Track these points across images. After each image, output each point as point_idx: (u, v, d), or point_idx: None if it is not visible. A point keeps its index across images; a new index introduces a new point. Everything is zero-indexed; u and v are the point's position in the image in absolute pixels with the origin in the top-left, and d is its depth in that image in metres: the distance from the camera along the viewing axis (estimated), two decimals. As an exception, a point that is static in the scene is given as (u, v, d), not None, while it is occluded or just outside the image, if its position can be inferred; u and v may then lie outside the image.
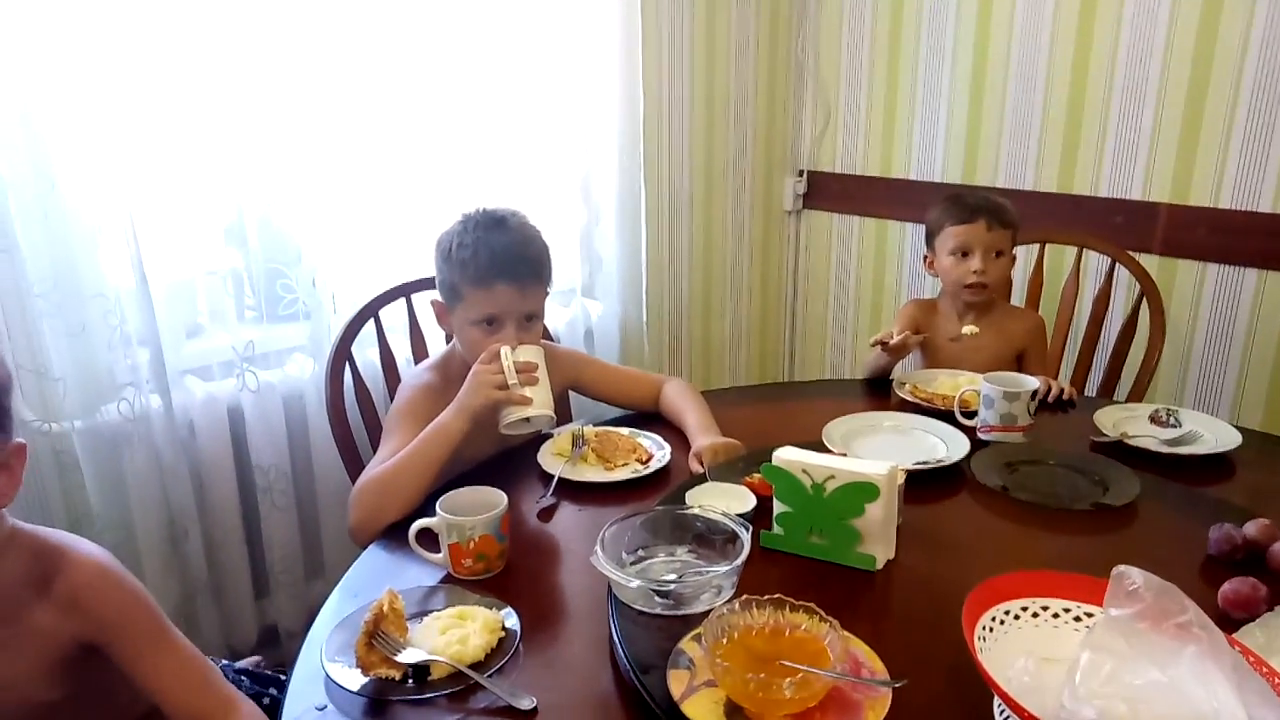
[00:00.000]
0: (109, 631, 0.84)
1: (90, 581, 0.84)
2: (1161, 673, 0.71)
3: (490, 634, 0.97)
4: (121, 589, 0.85)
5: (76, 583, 0.83)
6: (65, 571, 0.83)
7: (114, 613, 0.84)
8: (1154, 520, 1.23)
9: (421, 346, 1.85)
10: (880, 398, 1.74)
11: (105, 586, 0.84)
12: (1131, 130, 2.19)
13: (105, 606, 0.84)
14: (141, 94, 1.65)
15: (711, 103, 2.68)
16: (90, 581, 0.84)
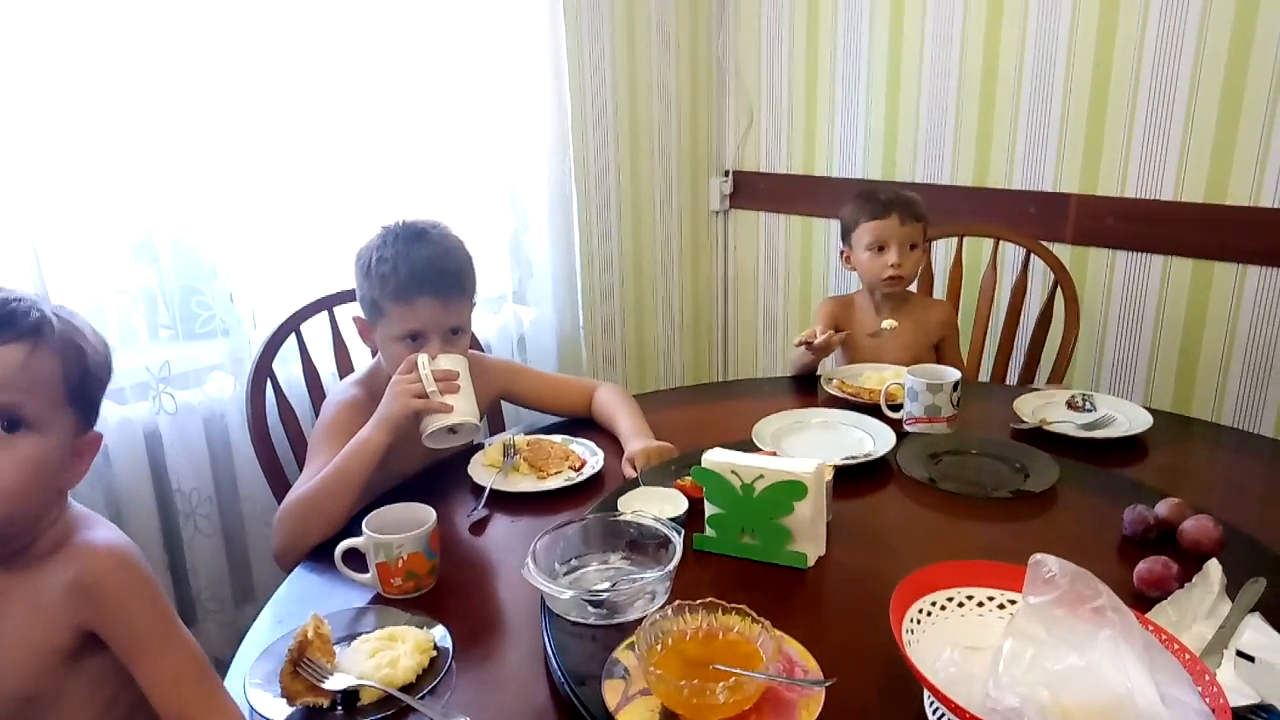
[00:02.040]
0: (116, 623, 0.83)
1: (108, 570, 0.82)
2: (1079, 657, 0.73)
3: (421, 654, 0.95)
4: (136, 581, 0.84)
5: (94, 569, 0.82)
6: (85, 557, 0.82)
7: (124, 604, 0.83)
8: (1073, 504, 1.27)
9: (346, 361, 1.81)
10: (809, 394, 1.76)
11: (121, 576, 0.83)
12: (1041, 124, 2.26)
13: (117, 596, 0.82)
14: (39, 110, 1.58)
15: (635, 106, 2.69)
16: (108, 570, 0.82)
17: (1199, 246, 2.09)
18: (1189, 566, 1.02)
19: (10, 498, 0.77)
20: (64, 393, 0.82)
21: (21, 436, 0.78)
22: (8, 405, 0.77)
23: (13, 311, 0.79)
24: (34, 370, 0.78)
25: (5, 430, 0.77)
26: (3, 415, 0.77)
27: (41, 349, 0.79)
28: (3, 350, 0.77)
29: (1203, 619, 0.93)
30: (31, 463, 0.79)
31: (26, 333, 0.78)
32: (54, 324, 0.81)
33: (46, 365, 0.80)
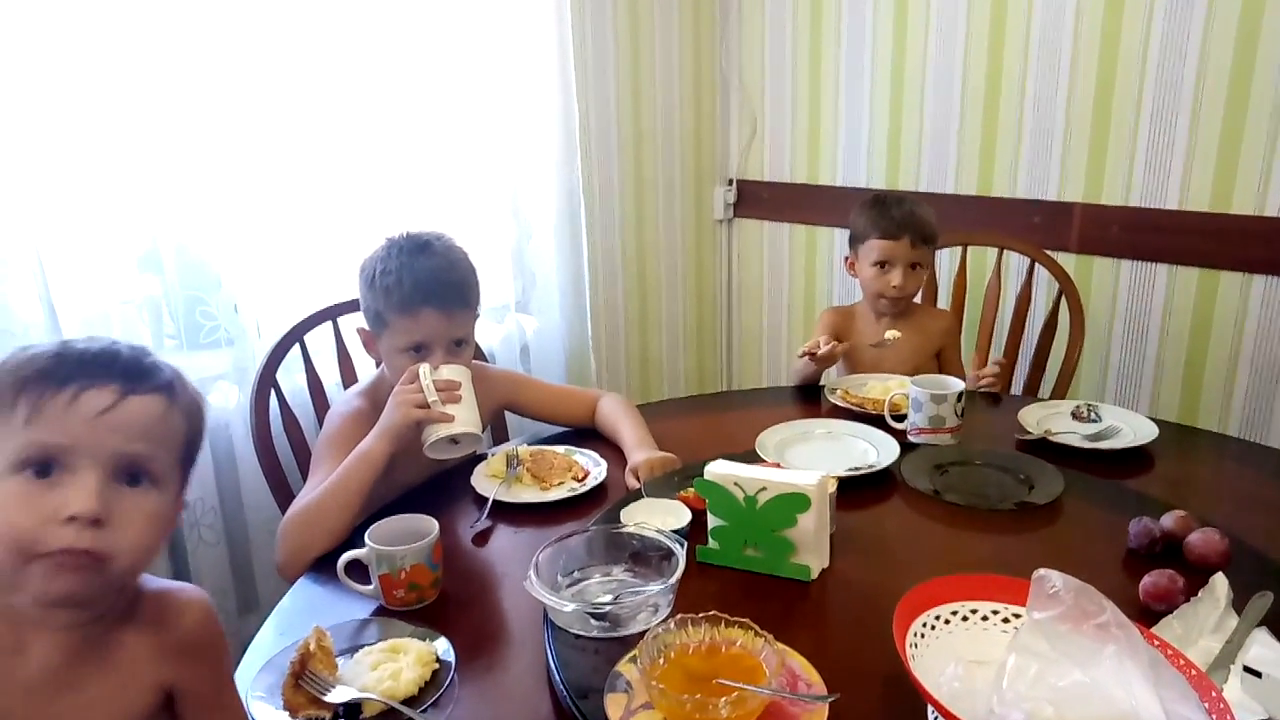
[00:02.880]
0: (199, 677, 0.81)
1: (202, 622, 0.81)
2: (1084, 673, 0.72)
3: (424, 666, 0.95)
4: (219, 632, 0.83)
5: (189, 624, 0.80)
6: (178, 613, 0.80)
7: (211, 657, 0.82)
8: (1077, 516, 1.26)
9: (350, 371, 1.82)
10: (813, 404, 1.76)
11: (212, 628, 0.82)
12: (1045, 133, 2.26)
13: (207, 649, 0.81)
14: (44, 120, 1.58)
15: (638, 116, 2.69)
16: (202, 622, 0.81)
17: (1204, 255, 2.09)
18: (1195, 580, 1.01)
19: (139, 551, 0.74)
20: (182, 454, 0.80)
21: (148, 490, 0.75)
22: (144, 457, 0.74)
23: (153, 365, 0.78)
24: (168, 426, 0.77)
25: (131, 484, 0.74)
26: (137, 466, 0.74)
27: (174, 406, 0.78)
28: (147, 400, 0.75)
29: (1209, 633, 0.93)
30: (157, 518, 0.76)
31: (163, 388, 0.77)
32: (184, 385, 0.80)
33: (176, 423, 0.78)
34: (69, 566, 0.70)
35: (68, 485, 0.70)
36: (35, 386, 0.71)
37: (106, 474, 0.72)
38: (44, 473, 0.70)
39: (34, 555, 0.69)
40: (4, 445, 0.71)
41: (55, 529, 0.69)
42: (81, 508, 0.69)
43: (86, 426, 0.71)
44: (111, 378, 0.74)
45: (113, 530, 0.71)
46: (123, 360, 0.76)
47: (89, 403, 0.72)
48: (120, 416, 0.73)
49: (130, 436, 0.73)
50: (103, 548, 0.71)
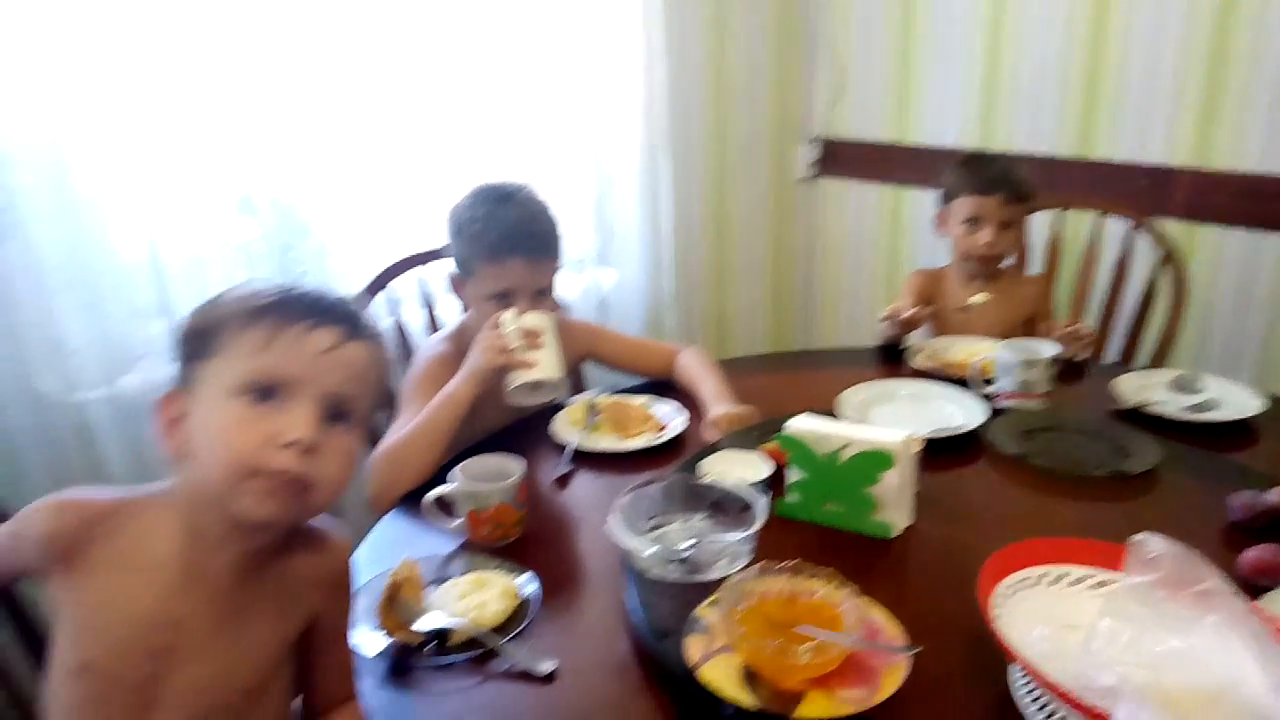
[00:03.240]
0: (337, 612, 0.86)
1: (346, 560, 0.86)
2: (1181, 640, 0.71)
3: (508, 600, 0.97)
4: (352, 570, 0.88)
5: (339, 560, 0.85)
6: (331, 549, 0.85)
7: (345, 589, 0.87)
8: (1174, 487, 1.22)
9: (434, 317, 1.85)
10: (896, 366, 1.73)
11: (348, 564, 0.87)
12: (1153, 92, 2.14)
13: (345, 589, 0.86)
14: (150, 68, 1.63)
15: (722, 69, 2.64)
16: (346, 560, 0.86)
17: (1322, 225, 1.97)
18: (1300, 556, 0.97)
19: (337, 488, 0.79)
20: (375, 402, 0.85)
21: (348, 430, 0.80)
22: (352, 398, 0.79)
23: (363, 313, 0.83)
24: (375, 373, 0.83)
25: (337, 421, 0.78)
26: (344, 405, 0.79)
27: (379, 357, 0.83)
28: (362, 346, 0.81)
29: (1315, 611, 0.89)
30: (352, 457, 0.81)
31: (374, 338, 0.83)
32: (385, 340, 0.86)
33: (378, 373, 0.84)
34: (279, 492, 0.74)
35: (287, 413, 0.75)
36: (272, 316, 0.76)
37: (321, 409, 0.77)
38: (265, 397, 0.75)
39: (251, 475, 0.73)
40: (238, 364, 0.75)
41: (274, 452, 0.74)
42: (301, 434, 0.74)
43: (313, 361, 0.76)
44: (338, 320, 0.79)
45: (320, 461, 0.76)
46: (345, 307, 0.81)
47: (318, 340, 0.77)
48: (342, 356, 0.78)
49: (346, 377, 0.78)
50: (312, 476, 0.75)
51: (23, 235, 1.50)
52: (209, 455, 0.75)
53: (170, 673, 0.78)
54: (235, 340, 0.76)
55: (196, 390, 0.77)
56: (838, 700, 0.79)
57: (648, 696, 0.86)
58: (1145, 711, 0.62)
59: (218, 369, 0.76)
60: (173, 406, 0.79)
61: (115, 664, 0.77)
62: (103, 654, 0.77)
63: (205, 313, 0.80)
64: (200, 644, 0.78)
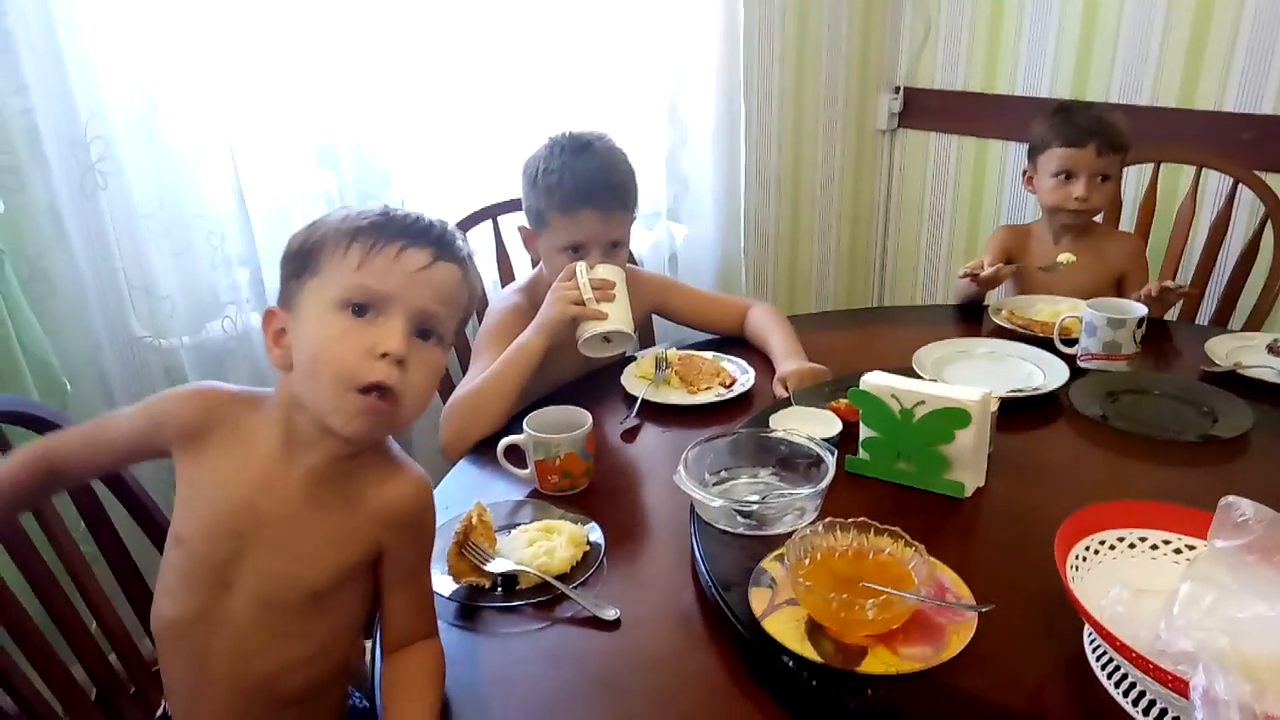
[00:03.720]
0: (408, 548, 0.89)
1: (420, 497, 0.89)
2: (1269, 607, 0.68)
3: (575, 548, 0.99)
4: (430, 507, 0.91)
5: (409, 495, 0.88)
6: (401, 486, 0.88)
7: (417, 528, 0.89)
8: (1268, 454, 1.17)
9: (508, 268, 1.87)
10: (974, 324, 1.68)
11: (427, 506, 0.90)
12: (1266, 36, 2.01)
13: (417, 520, 0.89)
14: (237, 19, 1.67)
15: (804, 15, 2.57)
16: (420, 497, 0.89)
17: None
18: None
19: (422, 402, 0.84)
20: (460, 324, 0.89)
21: (434, 347, 0.85)
22: (439, 316, 0.84)
23: (454, 237, 0.87)
24: (460, 294, 0.86)
25: (424, 338, 0.83)
26: (432, 323, 0.83)
27: (466, 279, 0.87)
28: (452, 267, 0.85)
29: None
30: (436, 372, 0.85)
31: (463, 261, 0.87)
32: (475, 264, 0.90)
33: (464, 294, 0.88)
34: (373, 410, 0.79)
35: (381, 327, 0.80)
36: (368, 237, 0.81)
37: (411, 325, 0.81)
38: (361, 312, 0.80)
39: (355, 386, 0.78)
40: (336, 281, 0.81)
41: (371, 363, 0.79)
42: (393, 347, 0.79)
43: (406, 279, 0.81)
44: (429, 242, 0.83)
45: (408, 374, 0.80)
46: (436, 230, 0.85)
47: (410, 259, 0.82)
48: (433, 275, 0.83)
49: (435, 296, 0.83)
50: (400, 388, 0.80)
51: (118, 183, 1.56)
52: (310, 364, 0.80)
53: (244, 558, 0.85)
54: (334, 259, 0.81)
55: (299, 306, 0.83)
56: (902, 657, 0.79)
57: (711, 647, 0.87)
58: (1222, 678, 0.60)
59: (318, 285, 0.81)
60: (276, 320, 0.84)
61: (202, 540, 0.85)
62: (196, 529, 0.86)
63: (308, 233, 0.85)
64: (272, 537, 0.85)
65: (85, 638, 1.10)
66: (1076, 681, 0.78)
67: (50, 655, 1.05)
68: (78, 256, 1.55)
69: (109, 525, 1.14)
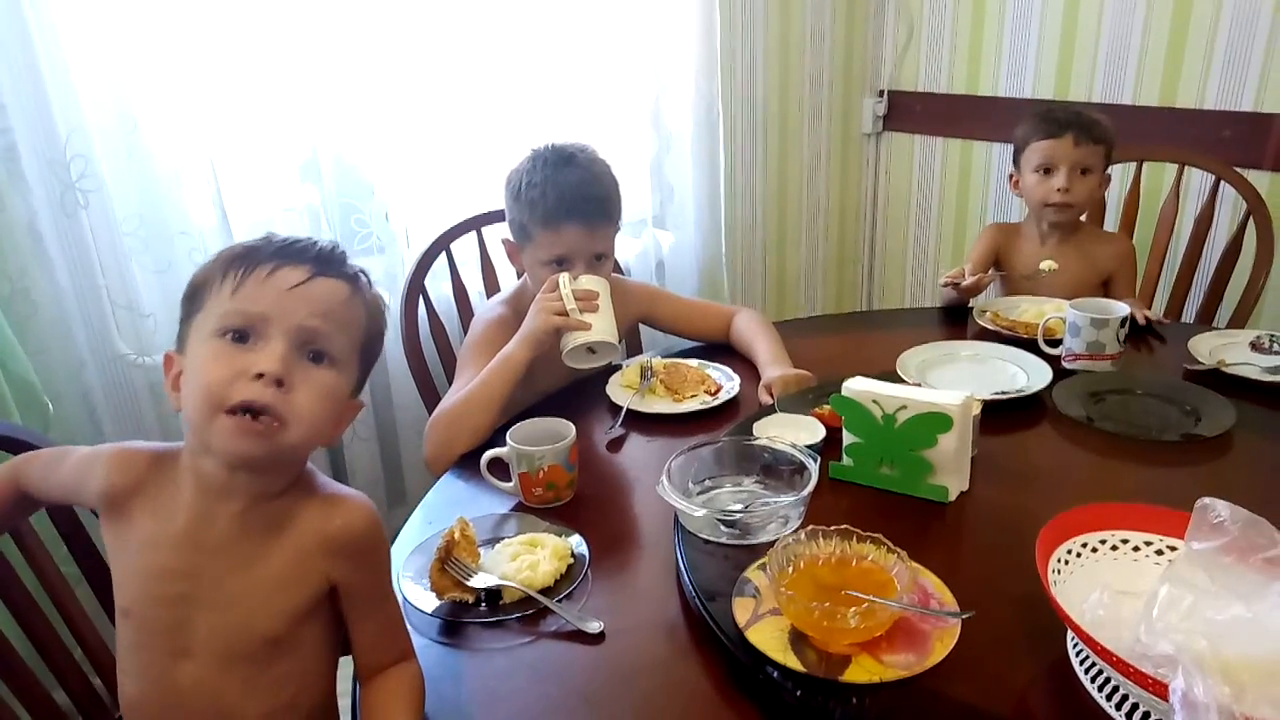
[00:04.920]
0: (360, 573, 0.86)
1: (365, 527, 0.86)
2: (1246, 608, 0.68)
3: (559, 560, 0.99)
4: (380, 536, 0.88)
5: (353, 525, 0.85)
6: (341, 509, 0.85)
7: (371, 555, 0.87)
8: (1250, 452, 1.17)
9: (493, 279, 1.87)
10: (959, 326, 1.69)
11: (372, 531, 0.87)
12: (1244, 35, 2.02)
13: (366, 546, 0.86)
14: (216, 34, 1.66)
15: (787, 19, 2.57)
16: (365, 527, 0.86)
17: None
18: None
19: (309, 424, 0.79)
20: (359, 345, 0.86)
21: (326, 369, 0.82)
22: (324, 334, 0.81)
23: (343, 256, 0.85)
24: (350, 310, 0.84)
25: (314, 360, 0.81)
26: (318, 341, 0.81)
27: (357, 295, 0.85)
28: (333, 283, 0.82)
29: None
30: (331, 395, 0.82)
31: (349, 277, 0.84)
32: (369, 282, 0.88)
33: (357, 311, 0.85)
34: (250, 430, 0.77)
35: (259, 350, 0.78)
36: (240, 263, 0.80)
37: (292, 345, 0.79)
38: (242, 339, 0.78)
39: (223, 407, 0.76)
40: (215, 311, 0.79)
41: (244, 383, 0.77)
42: (268, 367, 0.77)
43: (279, 297, 0.79)
44: (305, 260, 0.82)
45: (291, 395, 0.78)
46: (317, 248, 0.84)
47: (283, 277, 0.80)
48: (309, 291, 0.81)
49: (313, 311, 0.80)
50: (281, 409, 0.77)
51: (99, 201, 1.55)
52: (189, 396, 0.79)
53: (194, 620, 0.82)
54: (213, 292, 0.81)
55: (188, 345, 0.82)
56: (886, 665, 0.79)
57: (695, 658, 0.87)
58: (1201, 681, 0.60)
59: (201, 321, 0.81)
60: (174, 364, 0.83)
61: (147, 609, 0.83)
62: (137, 599, 0.84)
63: (195, 274, 0.84)
64: (215, 594, 0.82)
65: (68, 662, 1.09)
66: (1060, 685, 0.78)
67: (32, 681, 1.04)
68: (59, 275, 1.54)
69: (90, 545, 1.13)
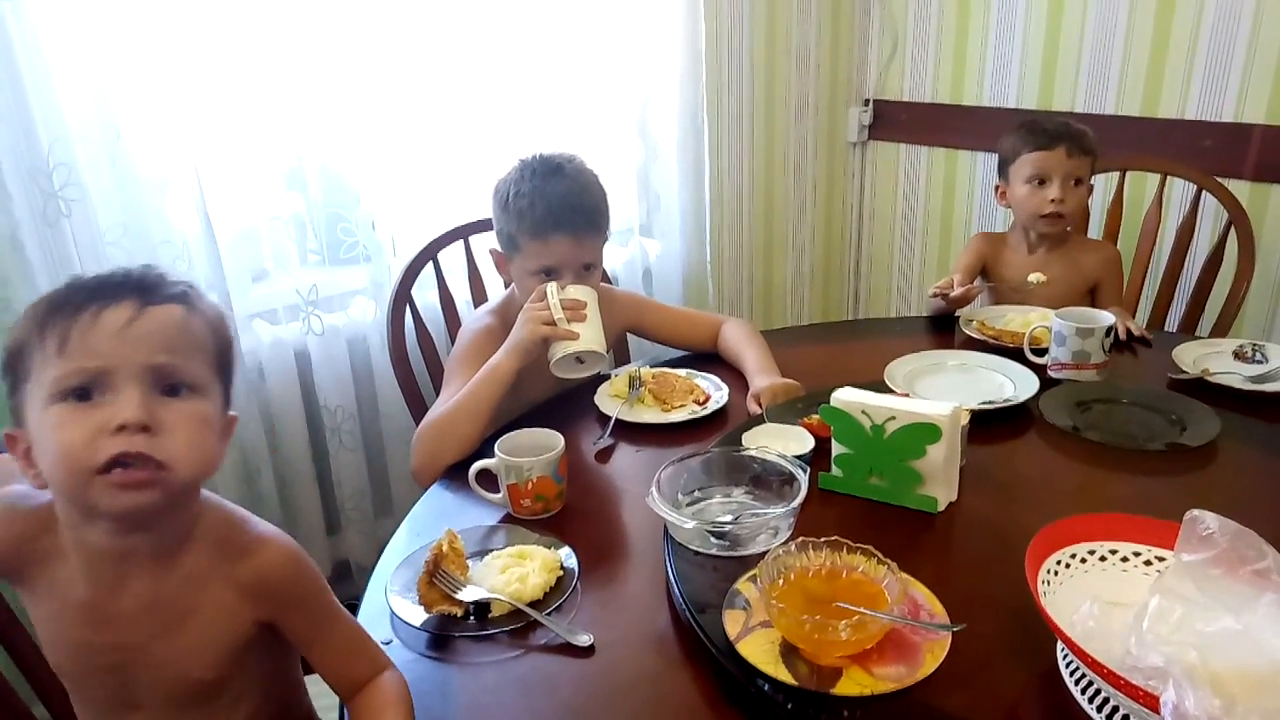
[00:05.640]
0: (289, 612, 0.84)
1: (277, 562, 0.83)
2: (1235, 620, 0.68)
3: (549, 573, 0.98)
4: (304, 570, 0.85)
5: (264, 564, 0.82)
6: (253, 552, 0.82)
7: (296, 595, 0.84)
8: (1235, 461, 1.18)
9: (480, 289, 1.86)
10: (946, 335, 1.69)
11: (290, 568, 0.83)
12: (1225, 47, 2.05)
13: (289, 588, 0.84)
14: (200, 43, 1.66)
15: (772, 30, 2.59)
16: (277, 562, 0.83)
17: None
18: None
19: (194, 456, 0.75)
20: (214, 362, 0.80)
21: (190, 399, 0.76)
22: (176, 366, 0.75)
23: (164, 277, 0.78)
24: (192, 333, 0.77)
25: (173, 393, 0.75)
26: (172, 376, 0.75)
27: (194, 314, 0.78)
28: (165, 309, 0.75)
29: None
30: (205, 424, 0.76)
31: (178, 297, 0.77)
32: (200, 294, 0.80)
33: (200, 330, 0.78)
34: (130, 483, 0.71)
35: (111, 402, 0.71)
36: (56, 318, 0.72)
37: (145, 386, 0.73)
38: (85, 397, 0.71)
39: (93, 470, 0.70)
40: (46, 376, 0.72)
41: (107, 439, 0.70)
42: (129, 416, 0.70)
43: (114, 342, 0.72)
44: (126, 293, 0.74)
45: (163, 438, 0.72)
46: (134, 277, 0.76)
47: (110, 319, 0.72)
48: (144, 327, 0.73)
49: (157, 347, 0.74)
50: (157, 454, 0.72)
51: (81, 210, 1.54)
52: (51, 472, 0.73)
53: (131, 679, 0.81)
54: (37, 356, 0.73)
55: (27, 418, 0.74)
56: (877, 677, 0.79)
57: (686, 671, 0.86)
58: (1192, 693, 0.60)
59: (33, 389, 0.73)
60: (19, 441, 0.76)
61: (81, 675, 0.82)
62: (67, 666, 0.82)
63: (8, 340, 0.76)
64: (144, 657, 0.80)
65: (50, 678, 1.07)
66: (1051, 697, 0.78)
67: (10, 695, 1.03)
68: (41, 285, 1.52)
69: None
